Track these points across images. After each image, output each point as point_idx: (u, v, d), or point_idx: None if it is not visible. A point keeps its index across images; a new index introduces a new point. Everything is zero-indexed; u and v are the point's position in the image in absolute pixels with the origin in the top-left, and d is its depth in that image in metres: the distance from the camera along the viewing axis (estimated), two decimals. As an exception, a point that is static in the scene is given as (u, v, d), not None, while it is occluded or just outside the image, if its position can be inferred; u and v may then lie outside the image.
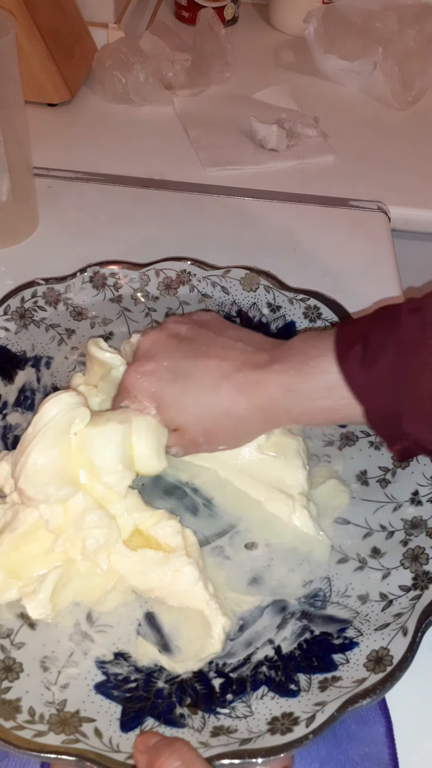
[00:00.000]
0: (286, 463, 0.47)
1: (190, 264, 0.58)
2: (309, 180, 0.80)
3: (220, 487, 0.48)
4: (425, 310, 0.38)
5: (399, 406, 0.38)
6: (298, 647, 0.40)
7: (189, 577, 0.40)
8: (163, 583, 0.41)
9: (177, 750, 0.32)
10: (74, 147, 0.82)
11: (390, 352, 0.38)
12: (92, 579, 0.42)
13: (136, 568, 0.41)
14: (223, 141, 0.84)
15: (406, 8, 0.95)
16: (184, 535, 0.43)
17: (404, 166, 0.83)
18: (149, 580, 0.41)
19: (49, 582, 0.40)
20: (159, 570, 0.41)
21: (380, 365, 0.39)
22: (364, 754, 0.38)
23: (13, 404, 0.52)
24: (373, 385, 0.39)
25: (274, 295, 0.57)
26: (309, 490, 0.47)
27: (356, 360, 0.40)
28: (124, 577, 0.42)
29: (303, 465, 0.47)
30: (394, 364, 0.38)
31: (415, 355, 0.38)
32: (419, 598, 0.39)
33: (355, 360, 0.40)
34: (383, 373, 0.39)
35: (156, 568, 0.41)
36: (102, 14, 0.91)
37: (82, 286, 0.57)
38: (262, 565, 0.44)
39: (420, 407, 0.38)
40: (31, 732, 0.34)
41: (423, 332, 0.38)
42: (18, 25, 0.66)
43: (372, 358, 0.39)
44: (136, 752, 0.34)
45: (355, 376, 0.40)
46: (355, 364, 0.40)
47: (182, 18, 1.08)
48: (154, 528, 0.42)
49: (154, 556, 0.41)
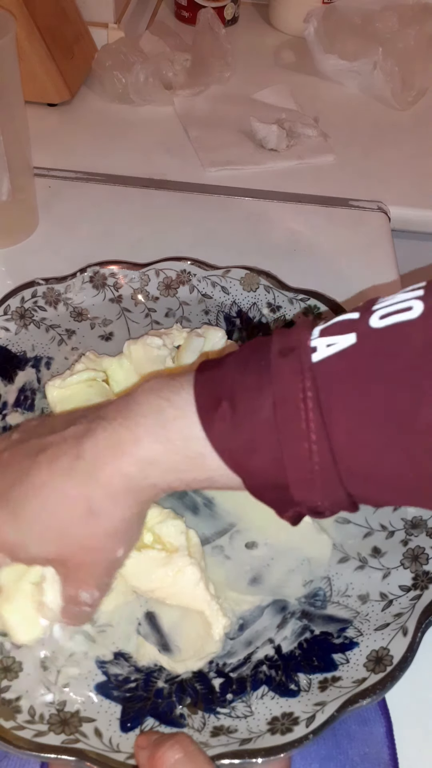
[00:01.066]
0: None
1: (190, 264, 0.58)
2: (309, 180, 0.80)
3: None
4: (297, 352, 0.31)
5: (284, 475, 0.31)
6: (298, 647, 0.40)
7: (190, 578, 0.40)
8: (165, 584, 0.41)
9: (179, 741, 0.32)
10: (74, 147, 0.82)
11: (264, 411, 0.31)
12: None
13: (139, 567, 0.41)
14: (223, 141, 0.84)
15: (406, 8, 0.95)
16: (187, 535, 0.43)
17: (404, 166, 0.83)
18: (151, 580, 0.41)
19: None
20: (161, 570, 0.41)
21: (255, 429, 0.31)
22: (364, 754, 0.38)
23: (13, 404, 0.52)
24: (248, 453, 0.32)
25: (274, 295, 0.57)
26: None
27: (225, 424, 0.32)
28: (125, 577, 0.42)
29: None
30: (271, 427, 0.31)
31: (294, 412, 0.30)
32: (419, 598, 0.39)
33: (223, 424, 0.32)
34: (260, 438, 0.31)
35: (158, 569, 0.41)
36: (102, 14, 0.91)
37: (82, 286, 0.57)
38: (263, 565, 0.44)
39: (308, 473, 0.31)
40: (31, 732, 0.34)
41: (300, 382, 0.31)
42: (18, 25, 0.66)
43: (243, 420, 0.32)
44: (137, 749, 0.34)
45: (227, 445, 0.32)
46: (224, 429, 0.32)
47: (182, 18, 1.08)
48: (159, 526, 0.42)
49: (156, 556, 0.41)
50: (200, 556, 0.42)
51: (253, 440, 0.31)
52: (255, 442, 0.31)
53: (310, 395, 0.30)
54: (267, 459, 0.31)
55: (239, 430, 0.32)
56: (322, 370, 0.31)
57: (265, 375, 0.32)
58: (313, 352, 0.31)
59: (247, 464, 0.32)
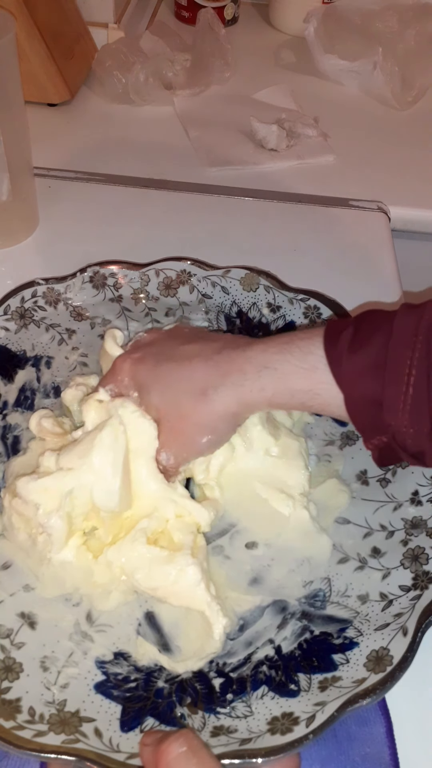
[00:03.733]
0: (288, 464, 0.47)
1: (190, 264, 0.58)
2: (309, 180, 0.80)
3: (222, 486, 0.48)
4: (422, 311, 0.38)
5: (381, 394, 0.37)
6: (298, 647, 0.40)
7: (192, 578, 0.40)
8: (166, 582, 0.41)
9: (183, 735, 0.32)
10: (74, 147, 0.82)
11: (379, 339, 0.38)
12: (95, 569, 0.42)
13: (141, 562, 0.41)
14: (223, 141, 0.84)
15: (406, 8, 0.95)
16: (195, 536, 0.43)
17: (404, 166, 0.83)
18: (152, 577, 0.41)
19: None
20: (163, 568, 0.41)
21: (368, 349, 0.38)
22: (365, 754, 0.38)
23: (13, 404, 0.51)
24: (356, 369, 0.38)
25: (274, 295, 0.57)
26: (309, 490, 0.47)
27: (344, 343, 0.39)
28: (127, 573, 0.42)
29: (305, 466, 0.47)
30: (381, 351, 0.37)
31: (405, 345, 0.37)
32: (419, 598, 0.39)
33: (343, 343, 0.39)
34: (370, 357, 0.38)
35: (160, 566, 0.41)
36: (102, 14, 0.91)
37: (82, 286, 0.57)
38: (263, 565, 0.44)
39: (402, 397, 0.37)
40: (31, 732, 0.34)
41: (416, 329, 0.37)
42: (18, 25, 0.66)
43: (360, 342, 0.38)
44: (141, 746, 0.34)
45: (340, 358, 0.38)
46: (343, 346, 0.38)
47: (182, 18, 1.08)
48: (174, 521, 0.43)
49: (159, 554, 0.41)
50: (203, 557, 0.42)
51: (364, 359, 0.38)
52: (366, 359, 0.38)
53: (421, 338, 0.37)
54: (371, 377, 0.37)
55: (354, 349, 0.38)
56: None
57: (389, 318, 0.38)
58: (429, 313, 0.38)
59: (353, 379, 0.38)
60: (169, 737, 0.32)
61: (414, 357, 0.36)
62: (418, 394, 0.36)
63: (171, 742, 0.32)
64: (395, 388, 0.37)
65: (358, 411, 0.39)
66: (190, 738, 0.32)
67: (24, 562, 0.43)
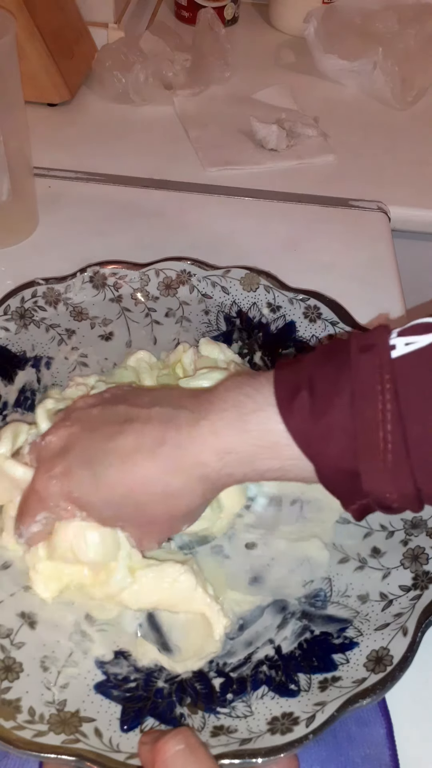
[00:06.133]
0: None
1: (190, 264, 0.58)
2: (309, 180, 0.80)
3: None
4: (377, 348, 0.33)
5: (356, 462, 0.33)
6: (298, 647, 0.40)
7: (187, 585, 0.40)
8: (164, 596, 0.41)
9: (181, 733, 0.32)
10: (74, 147, 0.82)
11: (343, 399, 0.33)
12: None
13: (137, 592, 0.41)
14: (223, 141, 0.84)
15: (406, 8, 0.95)
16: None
17: (404, 166, 0.83)
18: (150, 599, 0.41)
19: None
20: (156, 585, 0.40)
21: (332, 416, 0.33)
22: (365, 755, 0.38)
23: (13, 405, 0.51)
24: (325, 439, 0.34)
25: (274, 295, 0.57)
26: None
27: (303, 411, 0.34)
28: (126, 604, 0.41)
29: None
30: (348, 414, 0.33)
31: (372, 402, 0.32)
32: (419, 598, 0.39)
33: (302, 411, 0.34)
34: (337, 425, 0.33)
35: (154, 585, 0.41)
36: (102, 14, 0.91)
37: (82, 286, 0.57)
38: (263, 565, 0.44)
39: (381, 462, 0.32)
40: (31, 732, 0.34)
41: (379, 375, 0.33)
42: (18, 25, 0.66)
43: (322, 407, 0.33)
44: (140, 744, 0.34)
45: (304, 432, 0.34)
46: (303, 416, 0.34)
47: (182, 18, 1.08)
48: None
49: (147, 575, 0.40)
50: (190, 562, 0.42)
51: (330, 427, 0.33)
52: (332, 429, 0.33)
53: (388, 387, 0.32)
54: (342, 446, 0.33)
55: (317, 417, 0.33)
56: (400, 365, 0.33)
57: (345, 368, 0.34)
58: (392, 349, 0.33)
59: (322, 451, 0.34)
60: (166, 735, 0.32)
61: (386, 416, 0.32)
62: (397, 458, 0.32)
63: (168, 740, 0.32)
64: (370, 456, 0.33)
65: (334, 482, 0.35)
66: (188, 736, 0.32)
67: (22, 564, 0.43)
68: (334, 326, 0.54)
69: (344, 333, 0.54)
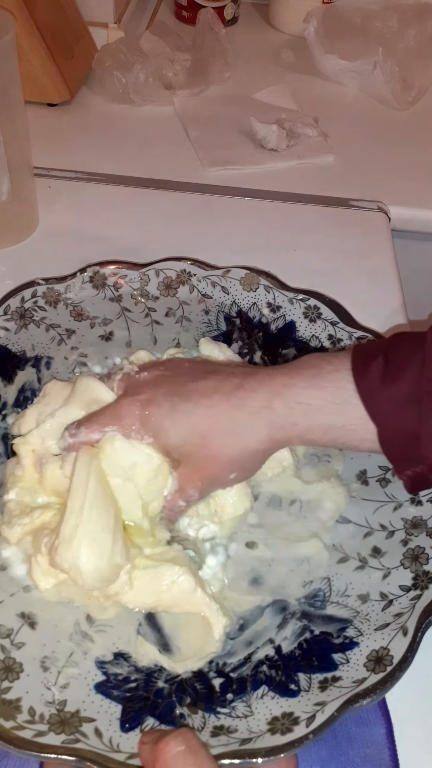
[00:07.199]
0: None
1: (190, 264, 0.58)
2: (309, 180, 0.80)
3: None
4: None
5: (418, 426, 0.36)
6: (298, 647, 0.40)
7: (187, 586, 0.40)
8: (163, 597, 0.41)
9: (182, 734, 0.32)
10: (74, 147, 0.82)
11: (414, 368, 0.36)
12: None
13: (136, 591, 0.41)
14: (223, 141, 0.84)
15: (406, 8, 0.96)
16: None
17: (404, 165, 0.83)
18: (146, 598, 0.41)
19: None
20: (155, 586, 0.41)
21: (401, 382, 0.36)
22: (365, 755, 0.38)
23: (12, 404, 0.51)
24: (392, 402, 0.37)
25: (274, 295, 0.57)
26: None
27: (376, 375, 0.37)
28: (125, 604, 0.41)
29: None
30: (416, 382, 0.36)
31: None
32: (419, 598, 0.39)
33: (375, 375, 0.37)
34: (406, 389, 0.36)
35: (152, 586, 0.41)
36: (102, 14, 0.91)
37: (82, 286, 0.57)
38: (263, 565, 0.44)
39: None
40: (31, 732, 0.34)
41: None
42: (18, 25, 0.66)
43: (393, 374, 0.37)
44: (140, 744, 0.34)
45: (373, 393, 0.37)
46: (375, 379, 0.37)
47: (182, 18, 1.08)
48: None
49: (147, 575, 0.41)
50: (188, 563, 0.42)
51: (399, 391, 0.36)
52: (400, 392, 0.36)
53: None
54: (407, 410, 0.36)
55: (387, 381, 0.37)
56: None
57: (420, 343, 0.37)
58: None
59: (387, 411, 0.37)
60: (167, 736, 0.32)
61: None
62: None
63: (169, 741, 0.32)
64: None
65: (393, 444, 0.38)
66: (189, 737, 0.32)
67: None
68: (334, 326, 0.54)
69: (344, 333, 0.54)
